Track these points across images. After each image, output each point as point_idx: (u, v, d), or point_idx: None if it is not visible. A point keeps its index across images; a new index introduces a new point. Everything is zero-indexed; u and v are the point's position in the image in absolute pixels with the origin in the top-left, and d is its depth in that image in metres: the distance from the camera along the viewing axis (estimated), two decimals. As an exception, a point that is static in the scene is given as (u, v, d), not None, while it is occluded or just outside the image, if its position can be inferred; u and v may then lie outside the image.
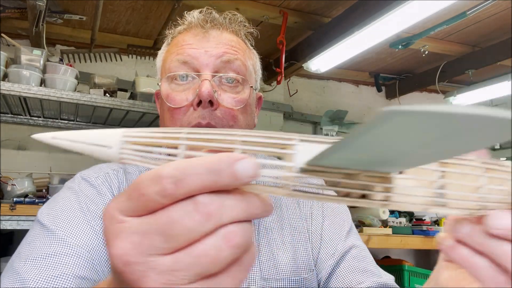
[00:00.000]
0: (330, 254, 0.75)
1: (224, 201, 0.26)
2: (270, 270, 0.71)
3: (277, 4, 2.01)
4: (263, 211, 0.28)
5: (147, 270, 0.26)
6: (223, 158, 0.26)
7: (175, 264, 0.26)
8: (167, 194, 0.25)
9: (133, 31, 2.28)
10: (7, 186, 1.64)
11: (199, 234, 0.26)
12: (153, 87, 1.87)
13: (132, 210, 0.27)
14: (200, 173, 0.25)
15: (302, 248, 0.76)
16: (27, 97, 1.58)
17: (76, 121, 2.09)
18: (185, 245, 0.26)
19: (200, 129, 0.28)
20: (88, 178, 0.70)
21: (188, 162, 0.26)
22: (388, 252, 2.85)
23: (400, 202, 0.29)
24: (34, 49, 1.67)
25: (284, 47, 2.15)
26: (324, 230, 0.78)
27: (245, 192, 0.27)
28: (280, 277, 0.71)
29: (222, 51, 0.70)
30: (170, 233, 0.26)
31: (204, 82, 0.67)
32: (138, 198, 0.26)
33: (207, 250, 0.26)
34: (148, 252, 0.26)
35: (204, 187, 0.26)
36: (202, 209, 0.25)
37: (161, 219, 0.26)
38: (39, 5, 1.52)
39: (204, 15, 0.74)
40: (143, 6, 1.99)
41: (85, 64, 2.23)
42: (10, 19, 1.94)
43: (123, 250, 0.26)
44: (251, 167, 0.26)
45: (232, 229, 0.26)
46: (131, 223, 0.27)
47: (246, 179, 0.26)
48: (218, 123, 0.68)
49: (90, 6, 1.94)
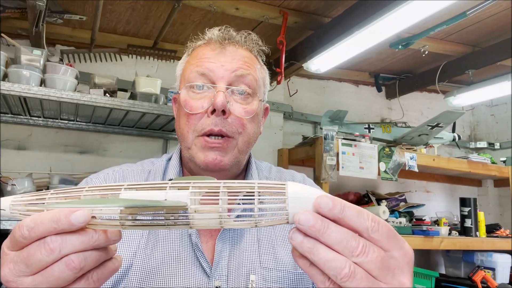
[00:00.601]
0: None
1: (65, 239, 0.40)
2: (270, 261, 0.77)
3: (277, 4, 2.01)
4: (104, 240, 0.42)
5: (17, 286, 0.41)
6: (63, 211, 0.41)
7: (33, 282, 0.41)
8: (25, 237, 0.41)
9: (133, 31, 2.28)
10: (7, 186, 1.64)
11: (47, 262, 0.40)
12: (153, 87, 1.87)
13: (11, 246, 0.43)
14: (45, 222, 0.40)
15: None
16: (27, 97, 1.58)
17: (76, 121, 2.09)
18: (39, 270, 0.41)
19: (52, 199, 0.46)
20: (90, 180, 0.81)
21: (39, 215, 0.41)
22: (388, 252, 2.84)
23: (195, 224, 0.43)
24: (34, 49, 1.67)
25: (284, 47, 2.15)
26: None
27: (86, 230, 0.41)
28: (280, 268, 0.77)
29: (236, 66, 0.79)
30: (28, 263, 0.41)
31: (219, 93, 0.75)
32: (11, 239, 0.42)
33: (53, 272, 0.40)
34: (17, 274, 0.41)
35: (50, 232, 0.40)
36: (47, 246, 0.40)
37: (23, 253, 0.41)
38: (39, 5, 1.52)
39: (222, 33, 0.82)
40: (143, 6, 1.99)
41: (85, 64, 2.23)
42: (10, 19, 1.94)
43: (4, 272, 0.42)
44: (82, 216, 0.40)
45: (71, 257, 0.40)
46: (10, 255, 0.42)
47: (79, 224, 0.40)
48: (229, 130, 0.77)
49: (90, 6, 1.94)
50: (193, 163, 0.79)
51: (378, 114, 3.20)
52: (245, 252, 0.77)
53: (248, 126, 0.79)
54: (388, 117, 3.22)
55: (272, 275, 0.75)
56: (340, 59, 2.22)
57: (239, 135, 0.78)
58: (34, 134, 2.07)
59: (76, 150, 2.15)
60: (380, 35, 1.92)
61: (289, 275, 0.77)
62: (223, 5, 1.93)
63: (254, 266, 0.75)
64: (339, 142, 2.13)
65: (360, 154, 2.16)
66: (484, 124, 3.59)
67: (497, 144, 3.41)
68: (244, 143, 0.79)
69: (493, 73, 2.78)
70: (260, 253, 0.77)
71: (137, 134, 2.25)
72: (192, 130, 0.78)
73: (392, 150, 2.29)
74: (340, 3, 1.99)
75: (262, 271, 0.75)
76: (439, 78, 2.73)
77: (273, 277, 0.75)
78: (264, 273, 0.75)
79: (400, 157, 2.28)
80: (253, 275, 0.74)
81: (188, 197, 0.43)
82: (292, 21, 2.10)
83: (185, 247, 0.75)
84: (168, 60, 2.43)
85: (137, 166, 0.86)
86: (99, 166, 2.15)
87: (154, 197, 0.43)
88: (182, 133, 0.80)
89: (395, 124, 2.50)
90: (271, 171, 0.94)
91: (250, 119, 0.79)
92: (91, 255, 0.41)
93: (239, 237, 0.78)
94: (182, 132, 0.80)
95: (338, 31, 2.00)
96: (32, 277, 0.41)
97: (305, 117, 2.85)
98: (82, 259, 0.41)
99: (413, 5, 1.64)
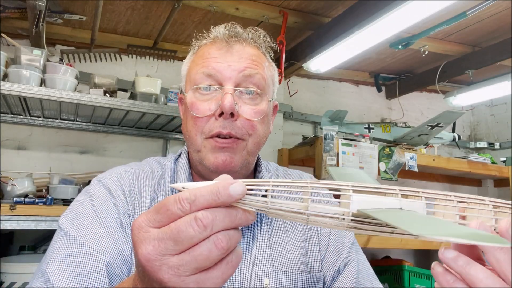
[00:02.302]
0: (334, 261, 0.81)
1: (216, 215, 0.38)
2: (282, 264, 0.77)
3: (277, 4, 2.01)
4: (245, 220, 0.40)
5: (161, 265, 0.38)
6: (220, 184, 0.39)
7: (180, 261, 0.38)
8: (185, 210, 0.38)
9: (133, 31, 2.27)
10: (7, 186, 1.64)
11: (199, 239, 0.38)
12: (153, 87, 1.87)
13: (157, 222, 0.39)
14: (205, 195, 0.38)
15: (314, 248, 0.81)
16: (27, 97, 1.58)
17: (76, 121, 2.09)
18: (188, 247, 0.38)
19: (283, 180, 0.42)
20: (102, 180, 0.78)
21: (197, 188, 0.39)
22: (388, 252, 2.84)
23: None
24: (34, 49, 1.67)
25: (284, 47, 2.15)
26: (332, 236, 0.84)
27: (231, 207, 0.39)
28: (292, 270, 0.77)
29: (244, 65, 0.76)
30: (179, 239, 0.38)
31: (227, 96, 0.72)
32: (165, 212, 0.39)
33: (202, 251, 0.38)
34: (162, 252, 0.38)
35: (210, 204, 0.38)
36: (199, 222, 0.38)
37: (172, 230, 0.38)
38: (39, 5, 1.52)
39: (228, 30, 0.79)
40: (143, 6, 1.99)
41: (85, 64, 2.23)
42: (10, 19, 1.94)
43: (146, 251, 0.38)
44: (240, 188, 0.39)
45: (220, 236, 0.38)
46: (152, 232, 0.39)
47: (237, 197, 0.39)
48: (238, 132, 0.74)
49: (90, 6, 1.94)
50: (202, 166, 0.77)
51: (378, 114, 3.20)
52: (258, 256, 0.76)
53: (258, 128, 0.77)
54: (388, 117, 3.22)
55: (286, 278, 0.75)
56: (340, 59, 2.22)
57: (249, 137, 0.76)
58: (34, 134, 2.07)
59: (76, 150, 2.15)
60: (380, 35, 1.92)
61: (302, 278, 0.76)
62: (223, 5, 1.93)
63: (267, 269, 0.75)
64: (339, 142, 2.13)
65: (360, 154, 2.16)
66: (484, 124, 3.59)
67: (497, 144, 3.41)
68: (254, 144, 0.77)
69: (493, 73, 2.78)
70: (273, 257, 0.77)
71: (137, 134, 2.25)
72: (200, 133, 0.75)
73: (392, 150, 2.29)
74: (340, 3, 1.99)
75: (275, 275, 0.75)
76: (439, 78, 2.73)
77: (287, 280, 0.75)
78: (278, 276, 0.75)
79: (400, 157, 2.28)
80: (267, 278, 0.74)
81: (424, 208, 0.42)
82: (292, 21, 2.10)
83: None
84: (168, 60, 2.43)
85: (145, 167, 0.83)
86: (99, 166, 2.15)
87: (388, 204, 0.41)
88: (190, 136, 0.77)
89: (395, 124, 2.50)
90: (278, 171, 0.93)
91: (260, 120, 0.76)
92: (234, 235, 0.39)
93: (251, 241, 0.77)
94: (190, 135, 0.78)
95: (338, 31, 2.00)
96: (178, 256, 0.38)
97: (305, 117, 2.85)
98: (228, 238, 0.38)
99: (413, 5, 1.64)
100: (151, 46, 2.37)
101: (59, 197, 1.69)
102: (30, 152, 2.05)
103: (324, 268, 0.80)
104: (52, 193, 1.70)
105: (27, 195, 1.61)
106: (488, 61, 2.48)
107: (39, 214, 1.52)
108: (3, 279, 1.50)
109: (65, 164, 2.10)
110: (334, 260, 0.80)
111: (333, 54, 2.15)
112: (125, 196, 0.75)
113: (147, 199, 0.76)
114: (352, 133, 2.35)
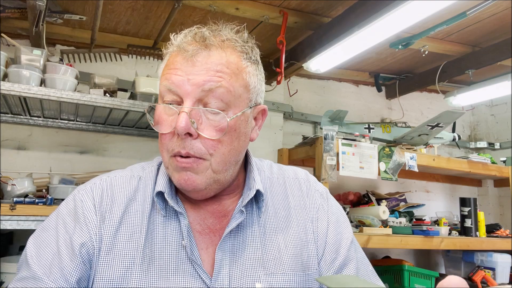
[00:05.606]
0: (332, 259, 0.80)
1: None
2: (275, 267, 0.75)
3: (277, 4, 2.01)
4: None
5: None
6: None
7: None
8: None
9: (133, 31, 2.28)
10: (7, 186, 1.63)
11: None
12: (153, 87, 1.87)
13: None
14: None
15: (309, 247, 0.80)
16: (27, 97, 1.58)
17: (76, 121, 2.09)
18: None
19: None
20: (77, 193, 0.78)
21: None
22: (388, 252, 2.84)
23: None
24: (34, 49, 1.67)
25: (284, 47, 2.15)
26: (329, 234, 0.82)
27: None
28: (285, 272, 0.75)
29: (204, 79, 0.69)
30: None
31: (181, 115, 0.68)
32: None
33: None
34: None
35: None
36: None
37: None
38: (39, 5, 1.52)
39: (192, 37, 0.72)
40: (143, 6, 1.99)
41: (85, 64, 2.23)
42: (10, 19, 1.94)
43: None
44: None
45: None
46: None
47: None
48: (197, 152, 0.70)
49: (90, 6, 1.94)
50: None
51: (378, 114, 3.20)
52: (248, 260, 0.75)
53: (221, 146, 0.71)
54: (388, 117, 3.22)
55: (278, 280, 0.74)
56: (340, 59, 2.22)
57: (211, 156, 0.71)
58: (34, 134, 2.07)
59: (76, 150, 2.15)
60: (380, 35, 1.92)
61: (297, 278, 0.75)
62: (223, 5, 1.93)
63: (258, 274, 0.73)
64: (339, 142, 2.13)
65: (360, 154, 2.16)
66: (484, 124, 3.59)
67: (497, 144, 3.41)
68: (218, 163, 0.72)
69: (493, 73, 2.78)
70: (264, 260, 0.75)
71: (137, 134, 2.25)
72: (166, 150, 0.73)
73: (392, 150, 2.29)
74: (340, 3, 1.99)
75: (267, 278, 0.73)
76: (439, 78, 2.73)
77: (279, 281, 0.74)
78: (270, 280, 0.73)
79: (400, 157, 2.28)
80: (258, 283, 0.72)
81: None
82: (292, 21, 2.10)
83: (182, 259, 0.72)
84: (168, 60, 2.43)
85: (126, 172, 0.81)
86: (99, 166, 2.15)
87: None
88: (160, 151, 0.76)
89: (395, 124, 2.50)
90: (272, 169, 0.90)
91: (225, 136, 0.71)
92: None
93: (241, 245, 0.76)
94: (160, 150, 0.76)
95: (338, 31, 2.00)
96: None
97: (305, 117, 2.85)
98: None
99: (413, 5, 1.64)
100: (151, 46, 2.37)
101: (59, 197, 1.69)
102: (30, 152, 2.05)
103: (323, 267, 0.79)
104: (52, 193, 1.70)
105: (27, 195, 1.61)
106: (488, 61, 2.48)
107: (39, 214, 1.52)
108: (3, 279, 1.50)
109: (65, 164, 2.10)
110: (333, 259, 0.79)
111: (333, 54, 2.15)
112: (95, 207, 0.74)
113: (120, 207, 0.75)
114: (352, 133, 2.35)
